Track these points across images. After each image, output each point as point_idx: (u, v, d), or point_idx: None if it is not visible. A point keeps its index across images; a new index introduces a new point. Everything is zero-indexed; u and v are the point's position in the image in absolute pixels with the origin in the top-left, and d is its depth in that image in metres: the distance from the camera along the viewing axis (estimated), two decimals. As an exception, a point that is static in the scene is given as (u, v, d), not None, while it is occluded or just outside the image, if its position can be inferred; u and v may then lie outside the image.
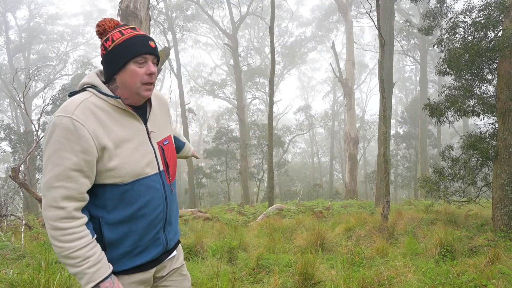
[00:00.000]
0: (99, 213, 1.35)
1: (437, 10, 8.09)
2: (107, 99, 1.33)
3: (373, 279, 3.52)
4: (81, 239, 1.27)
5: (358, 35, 39.57)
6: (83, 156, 1.25)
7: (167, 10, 25.57)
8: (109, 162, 1.30)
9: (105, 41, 1.35)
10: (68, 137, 1.23)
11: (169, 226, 1.52)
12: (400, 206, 12.36)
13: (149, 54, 1.36)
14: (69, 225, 1.25)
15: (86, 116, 1.27)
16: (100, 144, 1.28)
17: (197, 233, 5.89)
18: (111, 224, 1.35)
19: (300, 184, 35.78)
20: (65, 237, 1.25)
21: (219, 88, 35.43)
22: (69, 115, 1.25)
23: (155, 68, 1.38)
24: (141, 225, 1.39)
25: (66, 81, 28.05)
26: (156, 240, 1.45)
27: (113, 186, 1.33)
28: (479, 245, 5.34)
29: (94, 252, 1.29)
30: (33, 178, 20.30)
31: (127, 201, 1.35)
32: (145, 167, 1.38)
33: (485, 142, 6.79)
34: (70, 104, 1.28)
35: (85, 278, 1.27)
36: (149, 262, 1.46)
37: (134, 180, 1.35)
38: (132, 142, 1.36)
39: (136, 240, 1.39)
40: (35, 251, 4.87)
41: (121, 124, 1.35)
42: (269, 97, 14.24)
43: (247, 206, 15.64)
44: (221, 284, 3.48)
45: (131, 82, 1.34)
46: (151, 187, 1.40)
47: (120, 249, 1.38)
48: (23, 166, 8.33)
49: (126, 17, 9.23)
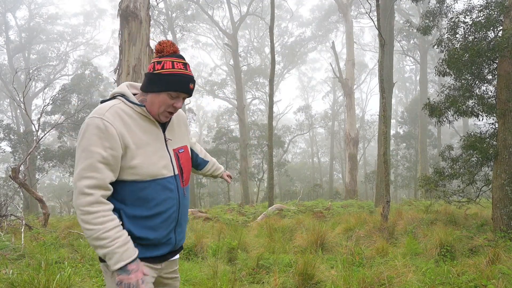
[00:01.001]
0: (118, 206, 1.49)
1: (437, 10, 8.09)
2: (133, 107, 1.52)
3: (373, 279, 3.52)
4: (110, 222, 1.40)
5: (358, 35, 39.61)
6: (111, 152, 1.42)
7: (167, 10, 25.59)
8: (131, 160, 1.46)
9: (157, 63, 1.52)
10: (99, 134, 1.41)
11: (179, 228, 1.65)
12: (400, 206, 12.36)
13: (185, 93, 1.55)
14: (98, 208, 1.39)
15: (114, 118, 1.45)
16: (124, 143, 1.45)
17: (197, 233, 5.89)
18: (130, 218, 1.49)
19: (300, 184, 35.76)
20: (96, 220, 1.38)
21: (219, 88, 35.44)
22: (100, 116, 1.43)
23: (182, 104, 1.58)
24: (156, 223, 1.52)
25: (66, 81, 28.06)
26: (168, 239, 1.59)
27: (132, 182, 1.48)
28: (479, 245, 5.34)
29: (122, 234, 1.42)
30: (33, 178, 20.29)
31: (144, 198, 1.49)
32: (162, 168, 1.54)
33: (485, 142, 6.79)
34: (102, 108, 1.47)
35: (114, 257, 1.39)
36: (158, 257, 1.58)
37: (152, 179, 1.50)
38: (151, 146, 1.53)
39: (151, 236, 1.51)
40: (35, 251, 4.86)
41: (143, 129, 1.52)
42: (269, 97, 14.25)
43: (247, 206, 15.64)
44: (221, 284, 3.48)
45: (157, 106, 1.53)
46: (166, 188, 1.55)
47: (137, 241, 1.49)
48: (23, 166, 8.33)
49: (126, 17, 9.23)
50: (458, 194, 7.78)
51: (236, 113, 29.33)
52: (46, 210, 7.85)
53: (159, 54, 1.55)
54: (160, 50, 1.55)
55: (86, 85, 22.86)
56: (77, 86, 22.24)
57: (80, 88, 22.32)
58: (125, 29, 9.24)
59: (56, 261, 4.33)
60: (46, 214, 7.80)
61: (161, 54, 1.55)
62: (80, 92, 22.34)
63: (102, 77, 24.79)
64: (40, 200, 7.96)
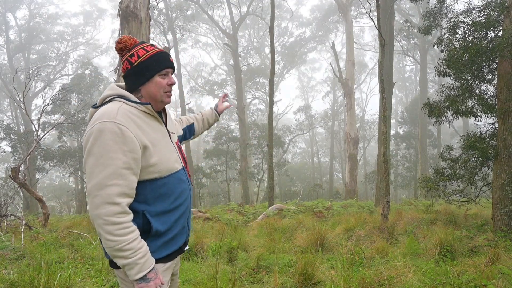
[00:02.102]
0: (141, 208, 1.48)
1: (437, 10, 8.08)
2: (137, 106, 1.50)
3: (373, 279, 3.52)
4: (133, 233, 1.41)
5: (358, 35, 39.64)
6: (131, 155, 1.40)
7: (167, 10, 25.57)
8: (150, 159, 1.47)
9: (130, 56, 1.54)
10: (116, 139, 1.37)
11: (189, 217, 1.71)
12: (400, 206, 12.36)
13: (170, 67, 1.58)
14: (123, 219, 1.38)
15: (127, 119, 1.43)
16: (142, 143, 1.44)
17: (197, 233, 5.89)
18: (155, 216, 1.50)
19: (300, 184, 35.76)
20: (120, 231, 1.37)
21: (219, 88, 35.44)
22: (112, 120, 1.39)
23: (174, 78, 1.63)
24: (177, 215, 1.57)
25: (66, 81, 28.05)
26: (183, 228, 1.64)
27: (152, 181, 1.49)
28: (479, 245, 5.33)
29: (143, 245, 1.43)
30: (33, 178, 20.29)
31: (165, 194, 1.52)
32: (174, 162, 1.58)
33: (485, 142, 6.78)
34: (110, 112, 1.42)
35: (136, 268, 1.40)
36: (176, 250, 1.62)
37: (169, 174, 1.54)
38: (162, 142, 1.56)
39: (174, 229, 1.56)
40: (35, 251, 4.87)
41: (152, 127, 1.53)
42: (269, 97, 14.25)
43: (247, 206, 15.64)
44: (221, 284, 3.48)
45: (156, 91, 1.55)
46: (181, 180, 1.60)
47: (162, 238, 1.53)
48: (23, 166, 8.33)
49: (126, 17, 9.23)
50: (458, 194, 7.78)
51: (236, 113, 29.33)
52: (46, 210, 7.85)
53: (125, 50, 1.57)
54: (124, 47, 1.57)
55: (86, 85, 22.85)
56: (77, 86, 22.23)
57: (80, 88, 22.32)
58: (125, 29, 9.24)
59: (56, 261, 4.33)
60: (46, 214, 7.80)
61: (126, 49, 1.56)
62: (80, 92, 22.34)
63: (102, 77, 24.78)
64: (40, 200, 7.96)
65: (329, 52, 40.35)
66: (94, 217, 1.37)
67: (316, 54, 44.68)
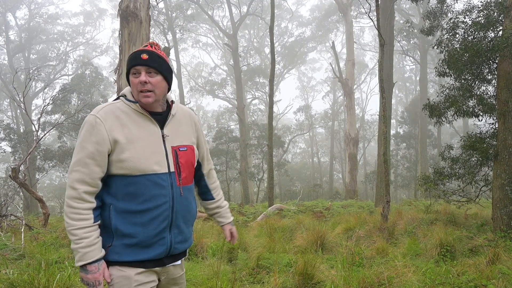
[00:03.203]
0: (110, 200, 1.52)
1: (437, 10, 8.08)
2: (130, 105, 1.57)
3: (373, 279, 3.52)
4: (82, 221, 1.45)
5: (358, 35, 39.62)
6: (97, 146, 1.47)
7: (167, 10, 25.58)
8: (121, 153, 1.49)
9: None
10: (90, 130, 1.48)
11: (176, 229, 1.59)
12: (400, 206, 12.35)
13: (139, 65, 1.53)
14: (77, 205, 1.46)
15: (107, 114, 1.51)
16: (113, 137, 1.48)
17: (197, 233, 5.89)
18: (120, 213, 1.50)
19: (300, 184, 35.74)
20: (72, 215, 1.45)
21: (219, 88, 35.43)
22: (94, 113, 1.51)
23: (147, 77, 1.53)
24: (145, 219, 1.51)
25: (66, 81, 28.05)
26: (160, 239, 1.54)
27: (122, 176, 1.50)
28: (479, 245, 5.33)
29: (90, 236, 1.46)
30: (33, 178, 20.29)
31: (132, 193, 1.50)
32: (153, 164, 1.53)
33: (485, 142, 6.78)
34: (98, 107, 1.55)
35: (77, 255, 1.45)
36: (152, 260, 1.55)
37: (141, 174, 1.50)
38: (144, 141, 1.53)
39: (139, 233, 1.50)
40: (35, 251, 4.86)
41: (138, 125, 1.55)
42: (269, 97, 14.24)
43: (247, 206, 15.64)
44: (221, 284, 3.48)
45: (133, 91, 1.57)
46: (157, 184, 1.52)
47: (125, 239, 1.50)
48: (23, 166, 8.33)
49: (126, 17, 9.23)
50: (458, 194, 7.78)
51: (236, 113, 29.32)
52: (46, 210, 7.85)
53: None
54: None
55: (86, 85, 22.86)
56: (77, 86, 22.24)
57: (80, 88, 22.33)
58: (125, 29, 9.24)
59: (56, 261, 4.33)
60: (46, 214, 7.80)
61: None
62: (80, 92, 22.35)
63: (102, 77, 24.79)
64: (40, 200, 7.96)
65: (329, 52, 40.34)
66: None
67: (316, 54, 44.70)
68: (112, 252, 1.50)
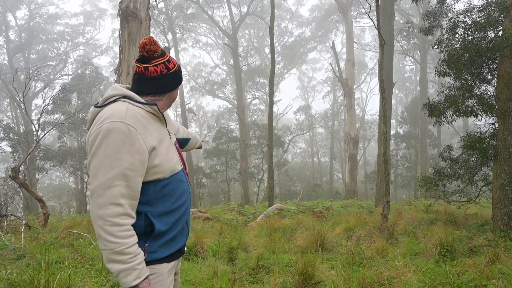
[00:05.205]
0: (144, 209, 1.48)
1: (437, 10, 8.08)
2: (143, 107, 1.49)
3: (373, 279, 3.52)
4: (133, 236, 1.39)
5: (358, 35, 39.62)
6: (138, 157, 1.39)
7: (167, 10, 25.58)
8: (154, 159, 1.46)
9: (167, 61, 1.59)
10: (124, 140, 1.36)
11: (189, 218, 1.72)
12: (400, 206, 12.35)
13: None
14: (126, 221, 1.37)
15: (135, 120, 1.41)
16: (149, 145, 1.44)
17: (197, 233, 5.89)
18: (157, 217, 1.50)
19: (300, 184, 35.75)
20: (122, 233, 1.35)
21: (219, 88, 35.45)
22: (122, 120, 1.37)
23: None
24: (178, 215, 1.57)
25: (66, 81, 28.04)
26: (183, 229, 1.63)
27: (156, 181, 1.49)
28: (479, 245, 5.33)
29: (140, 251, 1.42)
30: (33, 178, 20.29)
31: (167, 194, 1.52)
32: (176, 163, 1.58)
33: (485, 142, 6.78)
34: (118, 111, 1.41)
35: (134, 273, 1.36)
36: (178, 250, 1.63)
37: (171, 175, 1.54)
38: (165, 143, 1.55)
39: (173, 229, 1.56)
40: (35, 251, 4.87)
41: (156, 127, 1.53)
42: (269, 97, 14.25)
43: (247, 206, 15.64)
44: (221, 284, 3.48)
45: (172, 101, 1.66)
46: (181, 181, 1.60)
47: (164, 238, 1.53)
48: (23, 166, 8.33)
49: (126, 17, 9.23)
50: (458, 194, 7.78)
51: (236, 113, 29.33)
52: (46, 210, 7.85)
53: (157, 54, 1.56)
54: (155, 50, 1.55)
55: (86, 85, 22.87)
56: (77, 86, 22.24)
57: (80, 88, 22.33)
58: (125, 29, 9.24)
59: (56, 261, 4.33)
60: (46, 214, 7.80)
61: (158, 53, 1.56)
62: (80, 92, 22.35)
63: (102, 77, 24.79)
64: (40, 200, 7.96)
65: (329, 52, 40.34)
66: (96, 217, 1.34)
67: (316, 54, 44.74)
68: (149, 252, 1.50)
